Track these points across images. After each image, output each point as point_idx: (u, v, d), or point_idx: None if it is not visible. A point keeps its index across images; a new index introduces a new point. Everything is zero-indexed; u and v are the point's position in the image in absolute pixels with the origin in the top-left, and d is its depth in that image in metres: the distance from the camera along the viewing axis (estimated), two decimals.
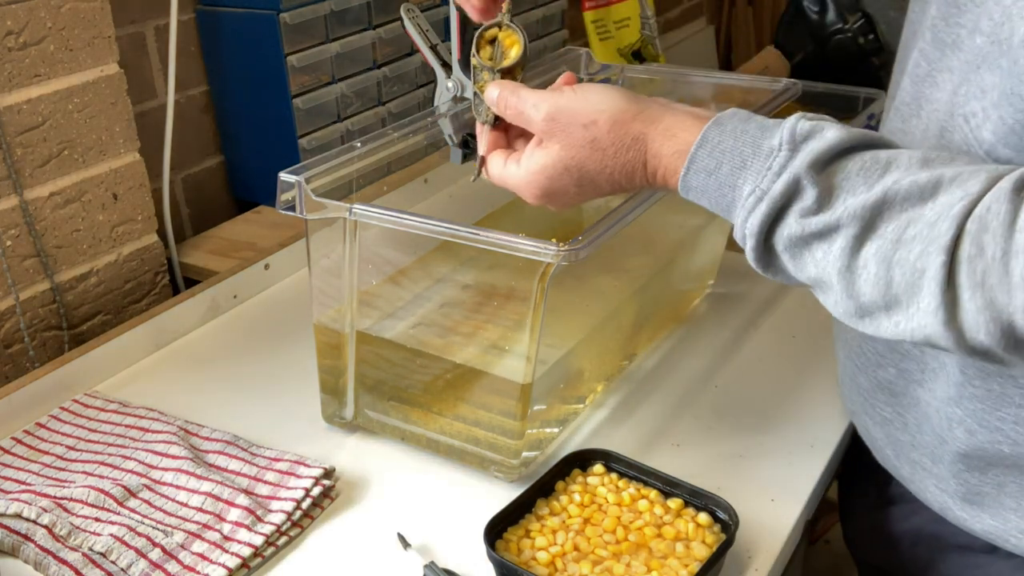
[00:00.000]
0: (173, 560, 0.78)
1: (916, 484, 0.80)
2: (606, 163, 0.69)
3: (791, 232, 0.62)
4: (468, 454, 0.89)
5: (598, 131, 0.69)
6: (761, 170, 0.63)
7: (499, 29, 0.77)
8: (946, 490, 0.76)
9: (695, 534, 0.77)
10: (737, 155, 0.64)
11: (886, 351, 0.78)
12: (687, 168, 0.66)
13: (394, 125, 0.89)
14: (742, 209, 0.63)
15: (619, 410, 0.98)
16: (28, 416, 0.97)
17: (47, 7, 1.02)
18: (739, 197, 0.64)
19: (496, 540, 0.77)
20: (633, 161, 0.69)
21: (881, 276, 0.59)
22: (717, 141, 0.65)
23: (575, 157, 0.70)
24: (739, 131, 0.65)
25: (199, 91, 1.35)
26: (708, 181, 0.65)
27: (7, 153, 1.02)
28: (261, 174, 1.38)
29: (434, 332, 1.01)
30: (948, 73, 0.69)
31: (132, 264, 1.18)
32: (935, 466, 0.77)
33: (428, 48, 0.90)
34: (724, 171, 0.64)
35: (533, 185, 0.73)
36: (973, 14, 0.66)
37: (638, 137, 0.68)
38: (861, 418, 0.85)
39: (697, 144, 0.65)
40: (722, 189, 0.65)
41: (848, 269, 0.60)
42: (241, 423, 0.95)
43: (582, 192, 0.72)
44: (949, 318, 0.57)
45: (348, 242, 0.84)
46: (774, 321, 1.12)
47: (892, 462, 0.82)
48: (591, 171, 0.70)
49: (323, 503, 0.86)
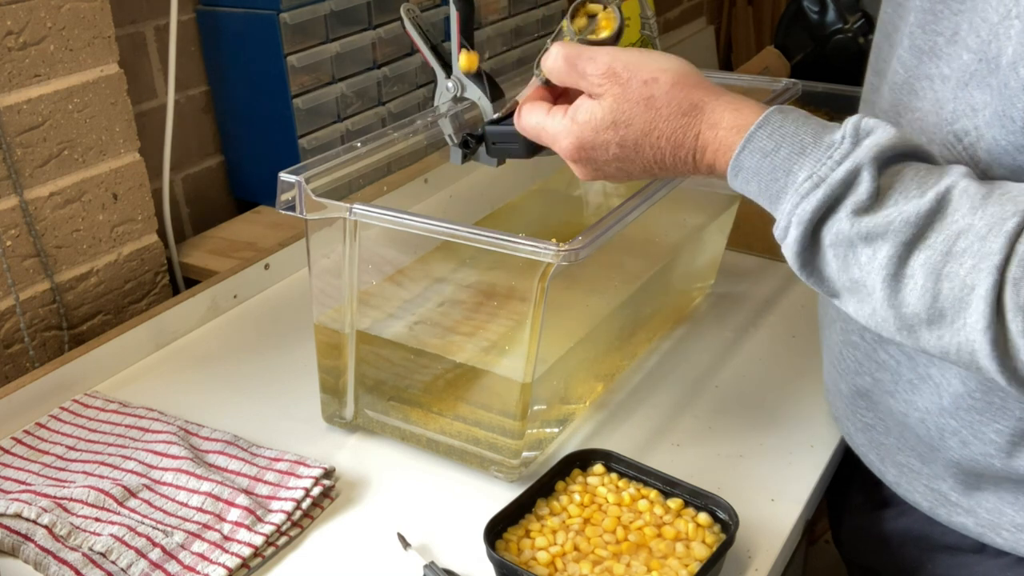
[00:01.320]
0: (173, 560, 0.78)
1: (903, 487, 0.79)
2: (657, 124, 0.66)
3: (840, 228, 0.60)
4: (468, 454, 0.89)
5: (657, 89, 0.66)
6: (821, 158, 0.61)
7: (603, 8, 0.74)
8: (939, 488, 0.76)
9: (695, 534, 0.77)
10: (798, 141, 0.62)
11: (863, 359, 0.78)
12: (743, 145, 0.63)
13: (394, 125, 0.89)
14: (794, 194, 0.61)
15: (619, 410, 0.98)
16: (28, 416, 0.97)
17: (47, 7, 1.02)
18: (792, 183, 0.61)
19: (496, 540, 0.77)
20: (686, 128, 0.66)
21: (928, 288, 0.57)
22: (779, 124, 0.63)
23: (627, 112, 0.67)
24: (802, 120, 0.63)
25: (199, 91, 1.35)
26: (763, 163, 0.63)
27: (7, 153, 1.02)
28: (261, 174, 1.38)
29: (434, 332, 1.01)
30: (927, 81, 0.68)
31: (132, 264, 1.18)
32: (925, 467, 0.76)
33: (428, 48, 0.90)
34: (782, 154, 0.62)
35: (573, 135, 0.69)
36: (951, 21, 0.66)
37: (698, 104, 0.66)
38: (844, 424, 0.85)
39: (758, 124, 0.63)
40: (775, 173, 0.62)
41: (894, 277, 0.59)
42: (241, 423, 0.95)
43: (621, 156, 0.68)
44: (996, 337, 0.56)
45: (348, 242, 0.84)
46: (774, 321, 1.12)
47: (877, 467, 0.82)
48: (638, 131, 0.67)
49: (323, 503, 0.86)
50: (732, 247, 1.21)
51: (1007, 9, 0.60)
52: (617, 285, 1.03)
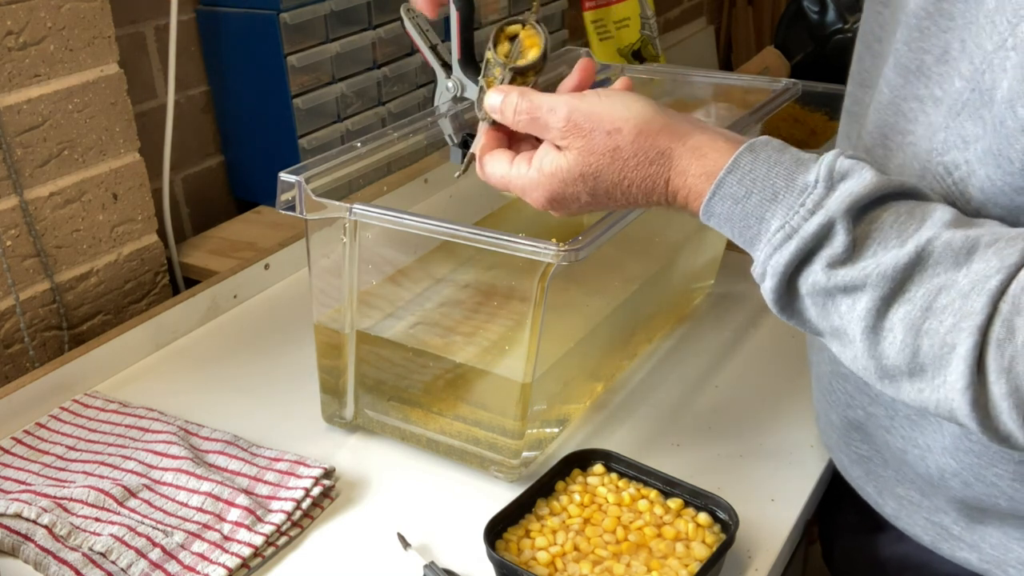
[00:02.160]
0: (173, 560, 0.78)
1: (903, 520, 0.76)
2: (626, 174, 0.65)
3: (816, 280, 0.58)
4: (468, 454, 0.89)
5: (621, 139, 0.64)
6: (793, 205, 0.59)
7: (522, 27, 0.73)
8: (940, 522, 0.73)
9: (695, 534, 0.77)
10: (769, 186, 0.60)
11: (855, 392, 0.75)
12: (713, 192, 0.62)
13: (394, 125, 0.89)
14: (767, 245, 0.60)
15: (619, 410, 0.98)
16: (28, 416, 0.97)
17: (47, 7, 1.02)
18: (765, 231, 0.60)
19: (496, 540, 0.77)
20: (655, 176, 0.64)
21: (908, 343, 0.56)
22: (749, 168, 0.61)
23: (593, 164, 0.65)
24: (773, 160, 0.60)
25: (199, 91, 1.35)
26: (734, 209, 0.61)
27: (7, 153, 1.02)
28: (261, 174, 1.38)
29: (434, 332, 1.01)
30: (917, 103, 0.65)
31: (132, 264, 1.18)
32: (926, 499, 0.73)
33: (428, 48, 0.90)
34: (753, 201, 0.60)
35: (543, 188, 0.68)
36: (939, 39, 0.63)
37: (664, 151, 0.64)
38: (837, 455, 0.82)
39: (727, 168, 0.61)
40: (748, 220, 0.61)
41: (872, 330, 0.57)
42: (241, 423, 0.95)
43: (594, 202, 0.67)
44: (976, 398, 0.54)
45: (348, 242, 0.84)
46: (774, 321, 1.12)
47: (875, 499, 0.78)
48: (608, 181, 0.65)
49: (323, 503, 0.86)
50: (732, 247, 1.21)
51: (1002, 38, 0.57)
52: (617, 285, 1.03)
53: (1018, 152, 0.56)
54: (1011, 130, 0.55)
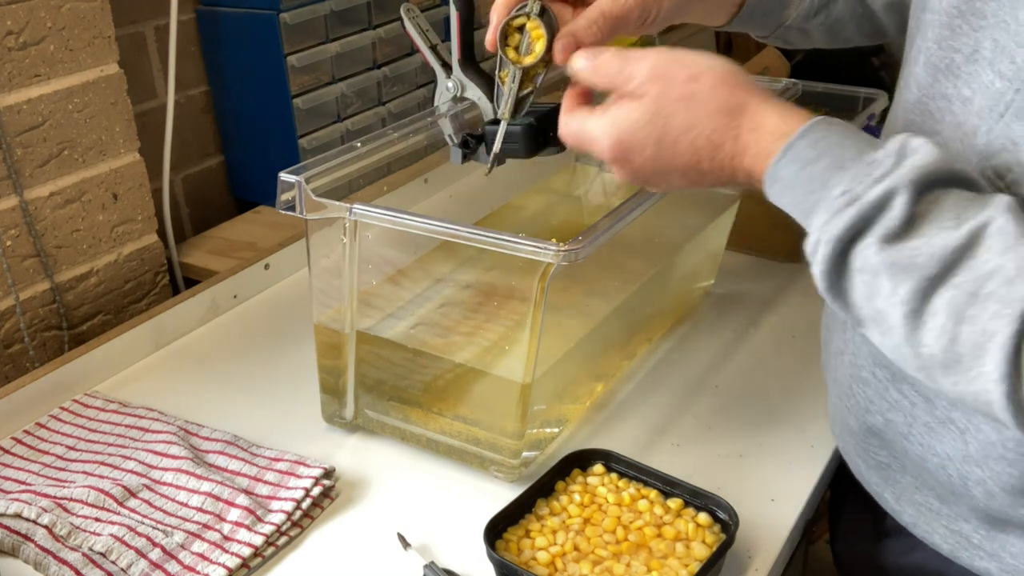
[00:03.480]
0: (173, 560, 0.78)
1: (921, 528, 0.75)
2: (697, 123, 0.63)
3: (868, 253, 0.56)
4: (468, 454, 0.89)
5: (700, 87, 0.63)
6: (859, 175, 0.57)
7: (527, 18, 0.72)
8: (960, 530, 0.71)
9: (695, 534, 0.77)
10: (838, 154, 0.59)
11: (875, 397, 0.74)
12: (783, 154, 0.60)
13: (394, 125, 0.89)
14: (826, 210, 0.58)
15: (619, 410, 0.98)
16: (28, 416, 0.97)
17: (47, 7, 1.02)
18: (827, 197, 0.58)
19: (496, 540, 0.77)
20: (725, 128, 0.62)
21: (947, 330, 0.54)
22: (823, 135, 0.60)
23: (666, 109, 0.63)
24: (846, 133, 0.60)
25: (199, 91, 1.35)
26: (800, 175, 0.59)
27: (7, 153, 1.02)
28: (261, 174, 1.38)
29: (434, 332, 1.01)
30: (944, 101, 0.65)
31: (132, 264, 1.18)
32: (946, 507, 0.72)
33: (428, 48, 0.90)
34: (820, 166, 0.59)
35: (611, 135, 0.65)
36: (970, 38, 0.62)
37: (741, 104, 0.63)
38: (854, 460, 0.80)
39: (801, 132, 0.60)
40: (811, 185, 0.59)
41: (915, 314, 0.55)
42: (241, 423, 0.95)
43: (658, 155, 0.64)
44: (1011, 390, 0.52)
45: (348, 242, 0.84)
46: (774, 321, 1.12)
47: (892, 506, 0.77)
48: (677, 128, 0.63)
49: (323, 503, 0.86)
50: (732, 247, 1.21)
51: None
52: (617, 285, 1.03)
53: None
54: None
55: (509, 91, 0.75)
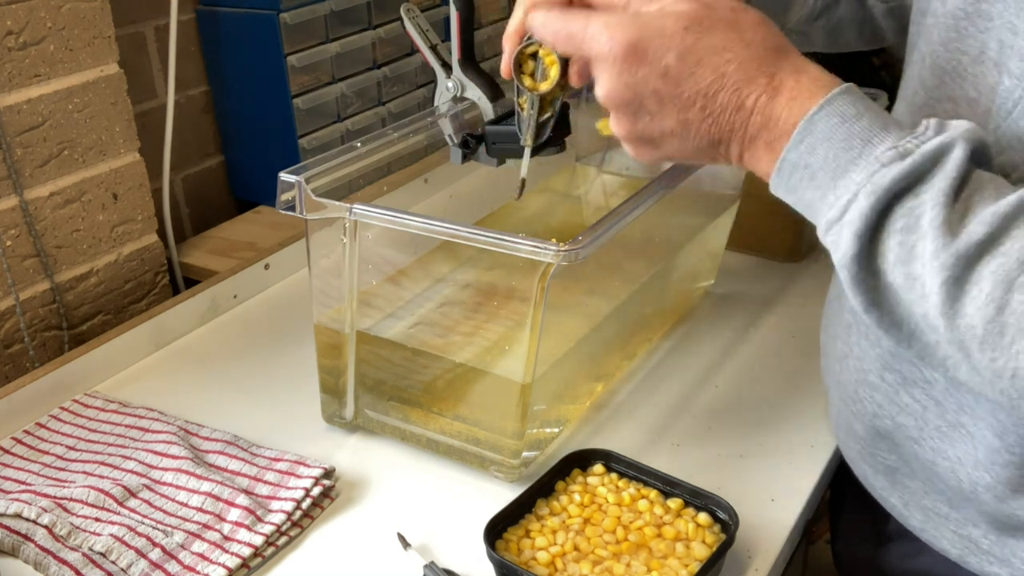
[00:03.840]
0: (173, 560, 0.78)
1: (930, 533, 0.73)
2: (733, 47, 0.57)
3: (918, 208, 0.53)
4: (468, 454, 0.89)
5: (744, 17, 0.58)
6: (904, 135, 0.54)
7: (540, 45, 0.72)
8: (969, 535, 0.70)
9: (695, 534, 0.77)
10: (880, 116, 0.55)
11: (884, 401, 0.72)
12: (826, 103, 0.56)
13: (394, 125, 0.89)
14: (869, 165, 0.54)
15: (619, 410, 0.98)
16: (28, 416, 0.97)
17: (47, 7, 1.02)
18: (871, 152, 0.54)
19: (496, 540, 0.77)
20: (762, 62, 0.57)
21: (995, 298, 0.50)
22: (861, 96, 0.56)
23: (705, 23, 0.58)
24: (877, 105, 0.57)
25: (199, 91, 1.35)
26: (839, 128, 0.55)
27: (7, 153, 1.02)
28: (261, 174, 1.38)
29: (434, 332, 1.01)
30: (951, 104, 0.63)
31: (132, 264, 1.18)
32: (954, 511, 0.71)
33: (428, 48, 0.90)
34: (863, 123, 0.55)
35: (629, 31, 0.58)
36: (976, 40, 0.62)
37: (784, 46, 0.58)
38: (860, 466, 0.79)
39: (845, 87, 0.56)
40: (851, 141, 0.55)
41: (956, 282, 0.52)
42: (241, 423, 0.95)
43: (673, 71, 0.58)
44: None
45: (348, 242, 0.84)
46: (774, 321, 1.12)
47: (900, 511, 0.76)
48: (709, 47, 0.57)
49: (323, 503, 0.86)
50: (732, 247, 1.21)
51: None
52: (617, 285, 1.03)
53: None
54: None
55: (529, 117, 0.76)
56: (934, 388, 0.68)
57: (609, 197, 1.27)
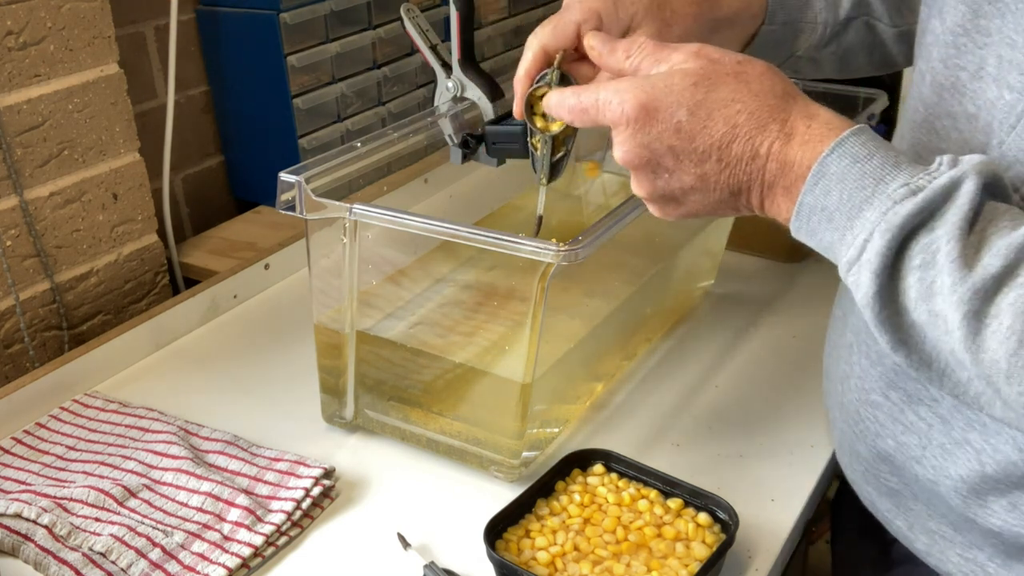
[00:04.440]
0: (173, 560, 0.78)
1: (935, 557, 0.72)
2: (742, 98, 0.59)
3: (932, 244, 0.53)
4: (468, 454, 0.89)
5: (750, 69, 0.60)
6: (917, 172, 0.55)
7: (548, 87, 0.72)
8: (975, 559, 0.69)
9: (695, 534, 0.77)
10: (892, 155, 0.56)
11: (887, 420, 0.71)
12: (836, 146, 0.57)
13: (394, 125, 0.89)
14: (883, 202, 0.54)
15: (619, 410, 0.98)
16: (28, 416, 0.97)
17: (47, 7, 1.02)
18: (884, 190, 0.55)
19: (496, 540, 0.77)
20: (774, 110, 0.59)
21: (1015, 331, 0.50)
22: (872, 136, 0.57)
23: (712, 79, 0.59)
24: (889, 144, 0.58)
25: (199, 91, 1.35)
26: (851, 169, 0.56)
27: (7, 153, 1.02)
28: (261, 174, 1.38)
29: (434, 332, 1.01)
30: (950, 120, 0.64)
31: (132, 264, 1.18)
32: (959, 535, 0.70)
33: (428, 48, 0.90)
34: (874, 163, 0.56)
35: (640, 94, 0.60)
36: (975, 56, 0.62)
37: (792, 92, 0.59)
38: (864, 488, 0.77)
39: (855, 129, 0.57)
40: (864, 180, 0.55)
41: (976, 315, 0.51)
42: (241, 423, 0.95)
43: (685, 127, 0.59)
44: None
45: (348, 242, 0.84)
46: (774, 321, 1.12)
47: (905, 534, 0.74)
48: (718, 100, 0.59)
49: (323, 503, 0.86)
50: (732, 247, 1.21)
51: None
52: (617, 285, 1.03)
53: None
54: None
55: (543, 157, 0.76)
56: (940, 406, 0.67)
57: (609, 197, 1.27)
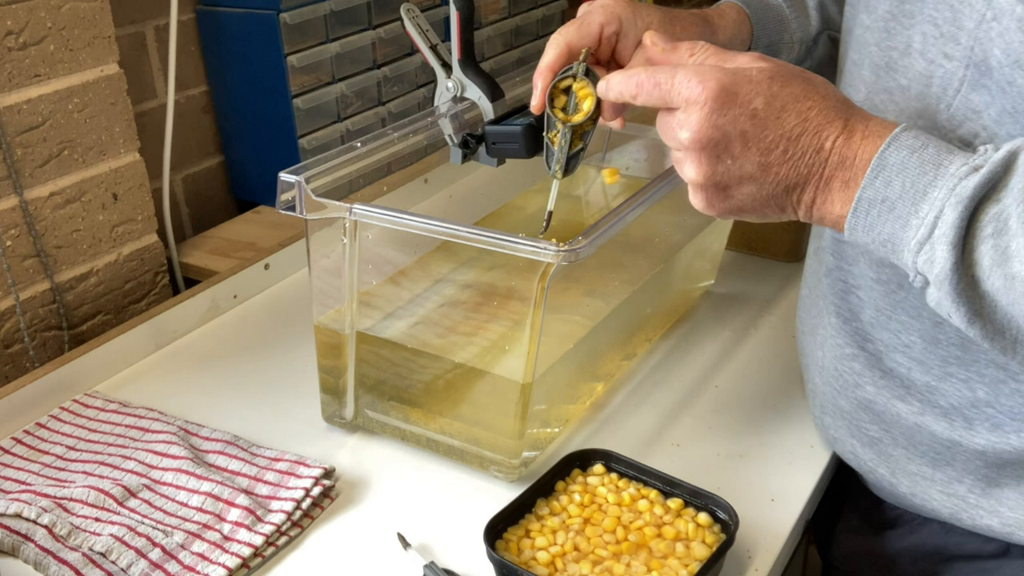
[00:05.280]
0: (173, 560, 0.78)
1: (919, 497, 0.78)
2: (813, 97, 0.62)
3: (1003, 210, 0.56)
4: (468, 454, 0.89)
5: (814, 76, 0.64)
6: (970, 155, 0.59)
7: (574, 80, 0.75)
8: (956, 492, 0.75)
9: (695, 534, 0.77)
10: (944, 144, 0.61)
11: (864, 369, 0.77)
12: (891, 140, 0.60)
13: (394, 125, 0.89)
14: (947, 182, 0.58)
15: (619, 410, 0.98)
16: (28, 416, 0.97)
17: (47, 7, 1.02)
18: (945, 172, 0.59)
19: (496, 540, 0.77)
20: (838, 110, 0.62)
21: None
22: (921, 132, 0.61)
23: (787, 75, 0.63)
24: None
25: (199, 91, 1.35)
26: (910, 158, 0.60)
27: (7, 153, 1.02)
28: (261, 174, 1.38)
29: (434, 332, 1.01)
30: (886, 95, 0.70)
31: (132, 264, 1.18)
32: (939, 471, 0.75)
33: (428, 48, 0.90)
34: (930, 151, 0.60)
35: (722, 77, 0.62)
36: (903, 36, 0.69)
37: (848, 100, 0.64)
38: (846, 443, 0.83)
39: (905, 126, 0.61)
40: (924, 167, 0.59)
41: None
42: (241, 423, 0.95)
43: (761, 113, 0.62)
44: None
45: (348, 242, 0.84)
46: (774, 321, 1.12)
47: (888, 480, 0.80)
48: (791, 95, 0.62)
49: (323, 503, 0.86)
50: (732, 247, 1.21)
51: (980, 14, 0.62)
52: (617, 285, 1.03)
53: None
54: (1022, 88, 0.60)
55: (560, 150, 0.76)
56: (913, 350, 0.74)
57: (609, 197, 1.27)
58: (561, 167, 0.77)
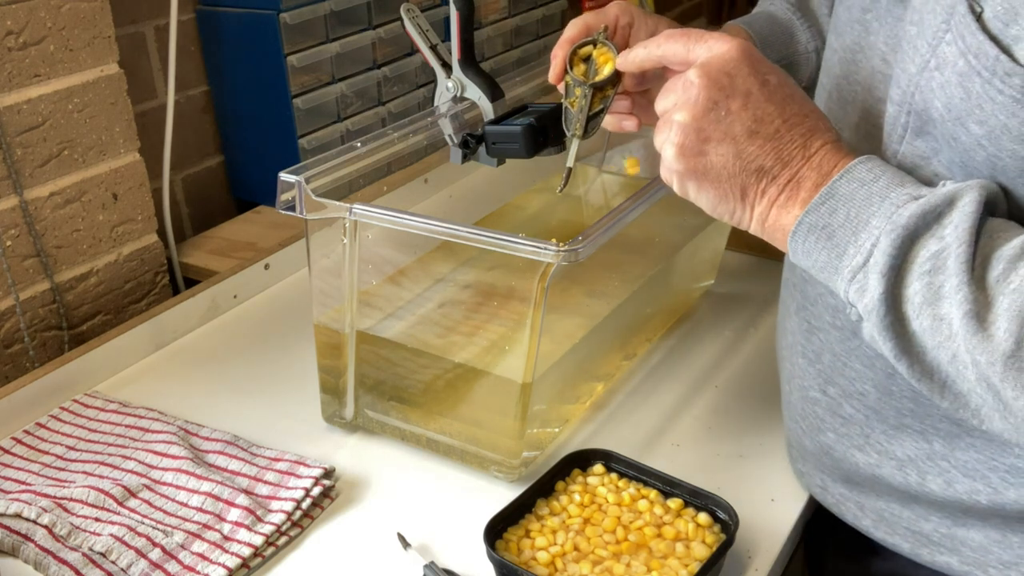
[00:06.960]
0: (173, 560, 0.78)
1: (883, 531, 0.77)
2: (794, 96, 0.63)
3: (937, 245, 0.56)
4: (468, 454, 0.89)
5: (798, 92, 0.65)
6: (921, 187, 0.59)
7: (593, 47, 0.76)
8: (920, 529, 0.74)
9: (695, 534, 0.77)
10: (898, 177, 0.60)
11: (825, 414, 0.76)
12: (844, 173, 0.60)
13: (394, 125, 0.89)
14: (888, 210, 0.58)
15: (619, 410, 0.98)
16: (28, 416, 0.97)
17: (47, 7, 1.02)
18: (888, 204, 0.58)
19: (496, 540, 0.77)
20: (813, 119, 0.63)
21: (1013, 332, 0.53)
22: (879, 163, 0.61)
23: (775, 69, 0.64)
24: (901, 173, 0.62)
25: (199, 91, 1.35)
26: (858, 191, 0.60)
27: (7, 153, 1.02)
28: (261, 174, 1.38)
29: (434, 332, 1.01)
30: (848, 131, 0.70)
31: (132, 264, 1.18)
32: (906, 510, 0.75)
33: (428, 48, 0.90)
34: (880, 184, 0.59)
35: (746, 46, 0.63)
36: (864, 70, 0.68)
37: (818, 112, 0.64)
38: (814, 478, 0.82)
39: (860, 160, 0.61)
40: (871, 199, 0.59)
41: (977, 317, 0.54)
42: (241, 423, 0.95)
43: (768, 89, 0.63)
44: None
45: (348, 242, 0.84)
46: (774, 321, 1.12)
47: (854, 513, 0.79)
48: (801, 95, 0.64)
49: (323, 503, 0.86)
50: (732, 247, 1.21)
51: (924, 60, 0.60)
52: (617, 285, 1.03)
53: (979, 162, 0.58)
54: (967, 145, 0.58)
55: (581, 110, 0.76)
56: (868, 399, 0.72)
57: (609, 197, 1.27)
58: (581, 125, 0.76)
